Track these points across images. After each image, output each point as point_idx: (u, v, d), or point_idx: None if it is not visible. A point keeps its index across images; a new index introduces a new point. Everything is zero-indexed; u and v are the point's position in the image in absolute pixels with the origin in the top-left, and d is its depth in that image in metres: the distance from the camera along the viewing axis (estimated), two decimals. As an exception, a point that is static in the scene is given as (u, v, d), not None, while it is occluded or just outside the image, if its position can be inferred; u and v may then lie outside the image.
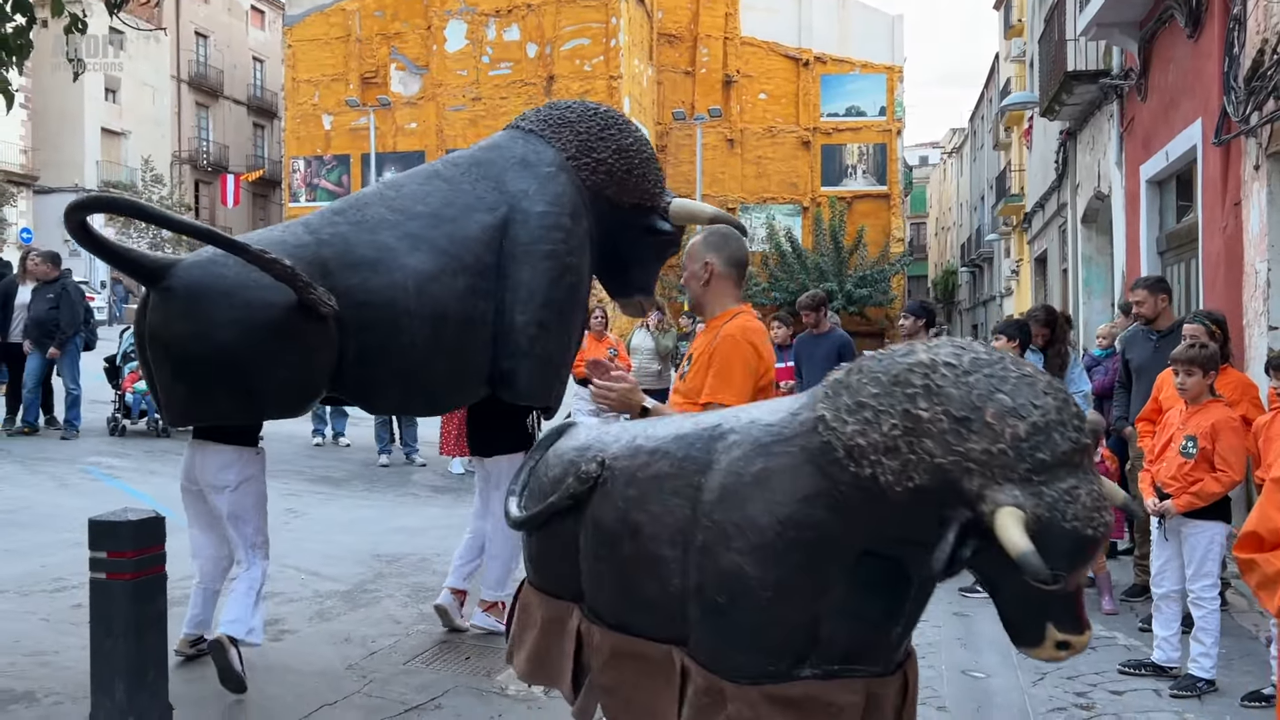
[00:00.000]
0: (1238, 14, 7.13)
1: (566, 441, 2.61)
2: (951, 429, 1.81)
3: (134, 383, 10.28)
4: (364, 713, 3.96)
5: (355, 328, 4.20)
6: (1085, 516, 1.75)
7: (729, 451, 2.10)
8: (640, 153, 4.95)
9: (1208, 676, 4.31)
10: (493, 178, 4.75)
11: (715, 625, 2.05)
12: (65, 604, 5.18)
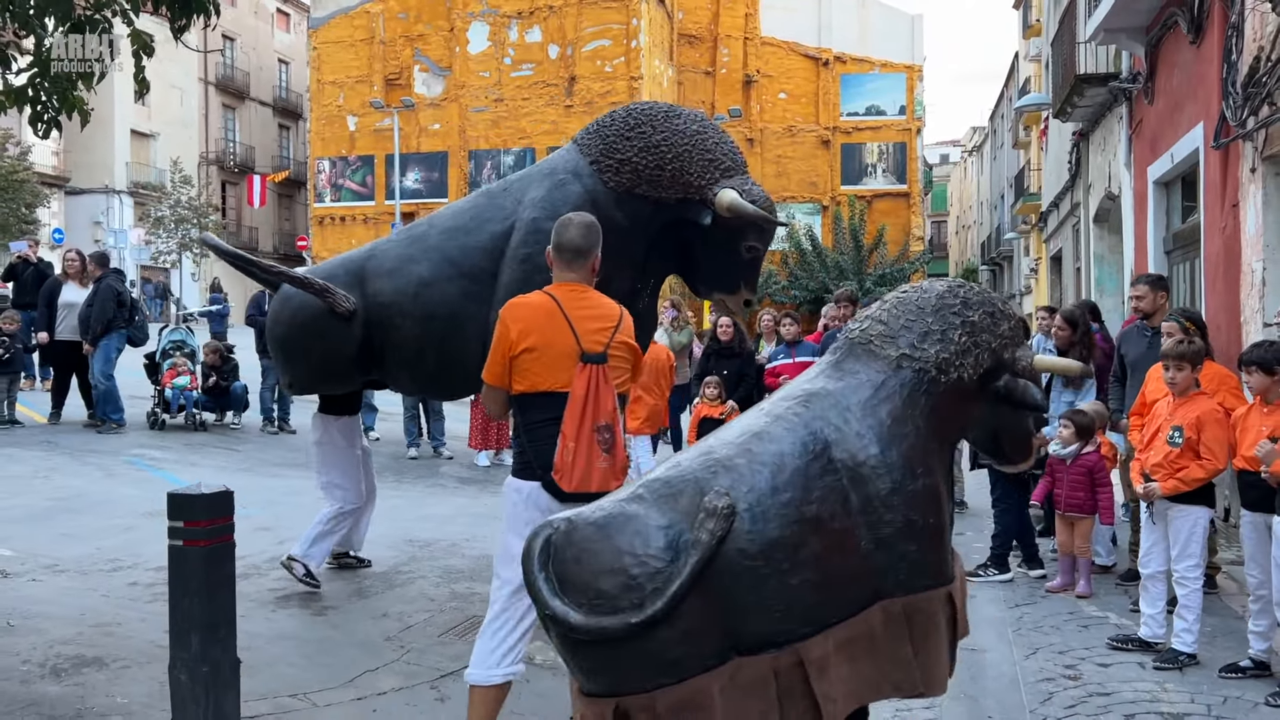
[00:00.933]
0: (1236, 21, 7.37)
1: (603, 535, 2.37)
2: (990, 322, 2.76)
3: (173, 379, 10.72)
4: (401, 678, 4.32)
5: (377, 325, 5.18)
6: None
7: (846, 422, 2.61)
8: (675, 146, 4.93)
9: (1189, 650, 4.59)
10: (521, 190, 5.20)
11: (921, 545, 2.59)
12: (122, 582, 5.58)
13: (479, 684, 3.32)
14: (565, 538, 2.39)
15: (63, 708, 3.82)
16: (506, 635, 3.33)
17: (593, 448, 3.16)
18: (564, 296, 3.34)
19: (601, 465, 3.17)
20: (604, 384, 3.21)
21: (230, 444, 10.21)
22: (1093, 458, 5.83)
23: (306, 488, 8.45)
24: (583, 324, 3.29)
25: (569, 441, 3.16)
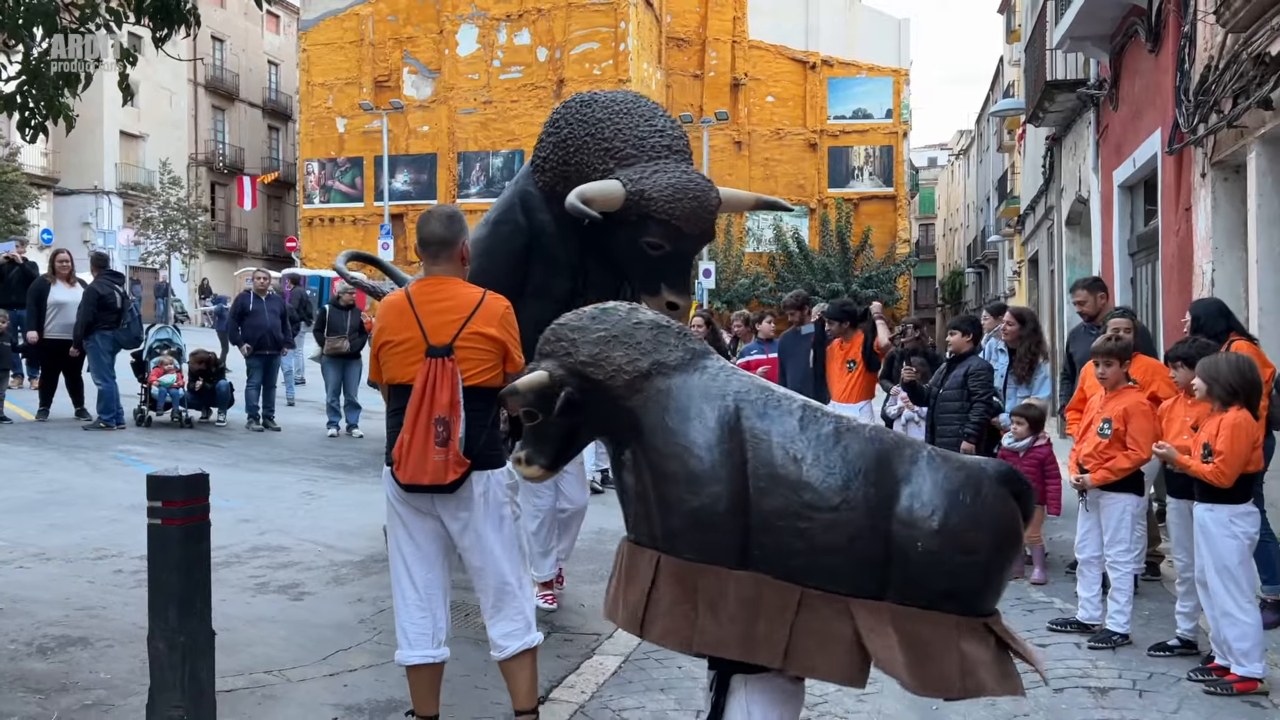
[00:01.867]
0: (1188, 31, 7.65)
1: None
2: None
3: (159, 377, 10.92)
4: (373, 656, 4.54)
5: None
6: None
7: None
8: (577, 139, 4.64)
9: (1122, 631, 4.84)
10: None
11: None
12: (107, 569, 5.79)
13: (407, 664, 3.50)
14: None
15: (49, 682, 4.03)
16: (421, 616, 3.49)
17: (428, 440, 3.22)
18: (419, 291, 3.42)
19: (436, 458, 3.23)
20: (443, 377, 3.24)
21: (216, 440, 10.41)
22: (1043, 450, 6.08)
23: (288, 482, 8.69)
24: (431, 318, 3.34)
25: (405, 434, 3.26)
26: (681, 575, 2.64)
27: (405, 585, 3.48)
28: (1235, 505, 4.25)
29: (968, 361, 6.43)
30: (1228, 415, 4.22)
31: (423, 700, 3.49)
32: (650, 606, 2.67)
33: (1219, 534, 4.23)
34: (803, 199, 42.47)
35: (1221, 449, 4.17)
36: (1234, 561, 4.20)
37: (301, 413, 13.00)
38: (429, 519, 3.43)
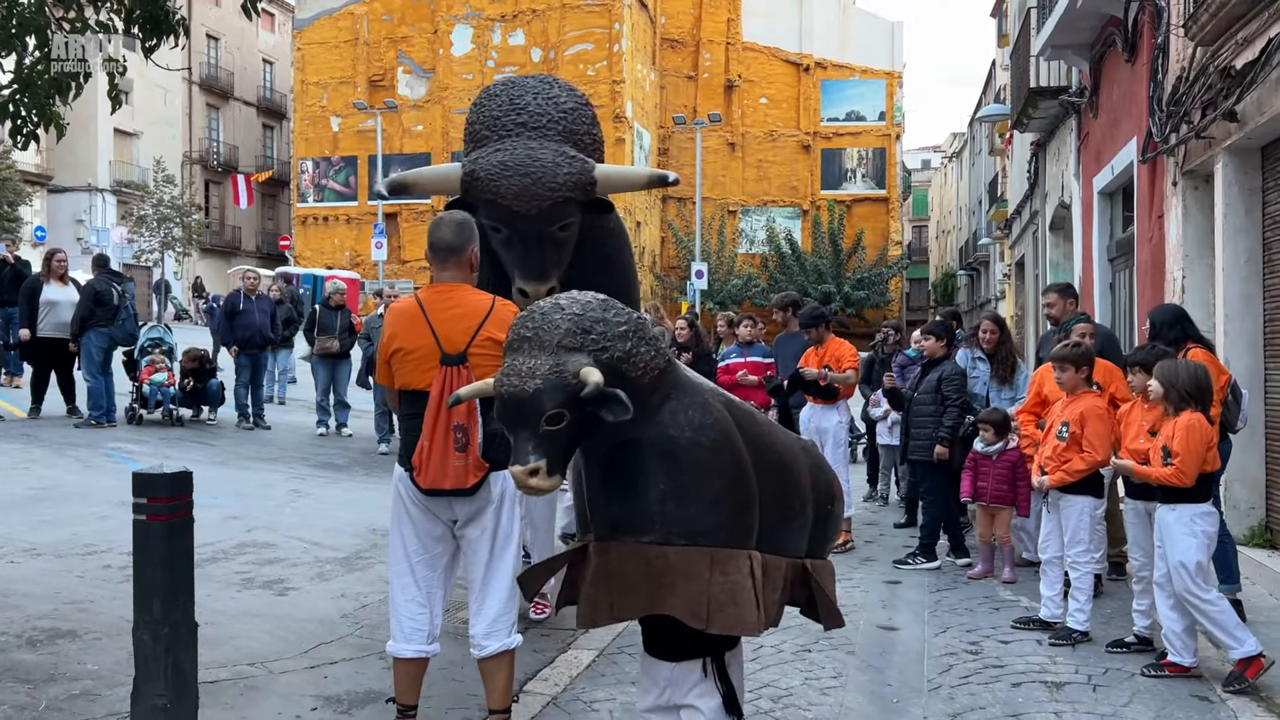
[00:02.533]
0: (1161, 43, 7.81)
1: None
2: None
3: (150, 375, 11.03)
4: (353, 649, 4.68)
5: None
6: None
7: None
8: (468, 127, 4.63)
9: (1082, 629, 4.99)
10: None
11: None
12: (96, 565, 5.91)
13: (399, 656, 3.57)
14: None
15: (37, 673, 4.16)
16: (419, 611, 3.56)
17: (448, 447, 3.32)
18: (429, 298, 3.48)
19: (456, 463, 3.34)
20: (459, 386, 3.24)
21: (206, 439, 10.53)
22: (1014, 454, 6.23)
23: (277, 480, 8.81)
24: (444, 325, 3.39)
25: (425, 441, 3.34)
26: (735, 562, 2.72)
27: (407, 581, 3.56)
28: (1196, 505, 4.39)
29: (941, 366, 6.58)
30: (1182, 417, 4.36)
31: (406, 691, 3.60)
32: (711, 599, 2.68)
33: (1180, 533, 4.36)
34: (796, 200, 42.67)
35: (1178, 449, 4.32)
36: (1196, 559, 4.33)
37: (291, 411, 13.12)
38: (439, 523, 3.52)
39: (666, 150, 42.05)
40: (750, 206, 42.51)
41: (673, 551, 2.70)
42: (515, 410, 2.56)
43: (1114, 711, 4.12)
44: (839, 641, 5.01)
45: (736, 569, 2.72)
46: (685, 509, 2.70)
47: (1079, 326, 5.83)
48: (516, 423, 2.57)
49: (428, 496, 3.46)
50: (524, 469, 2.55)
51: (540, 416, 2.53)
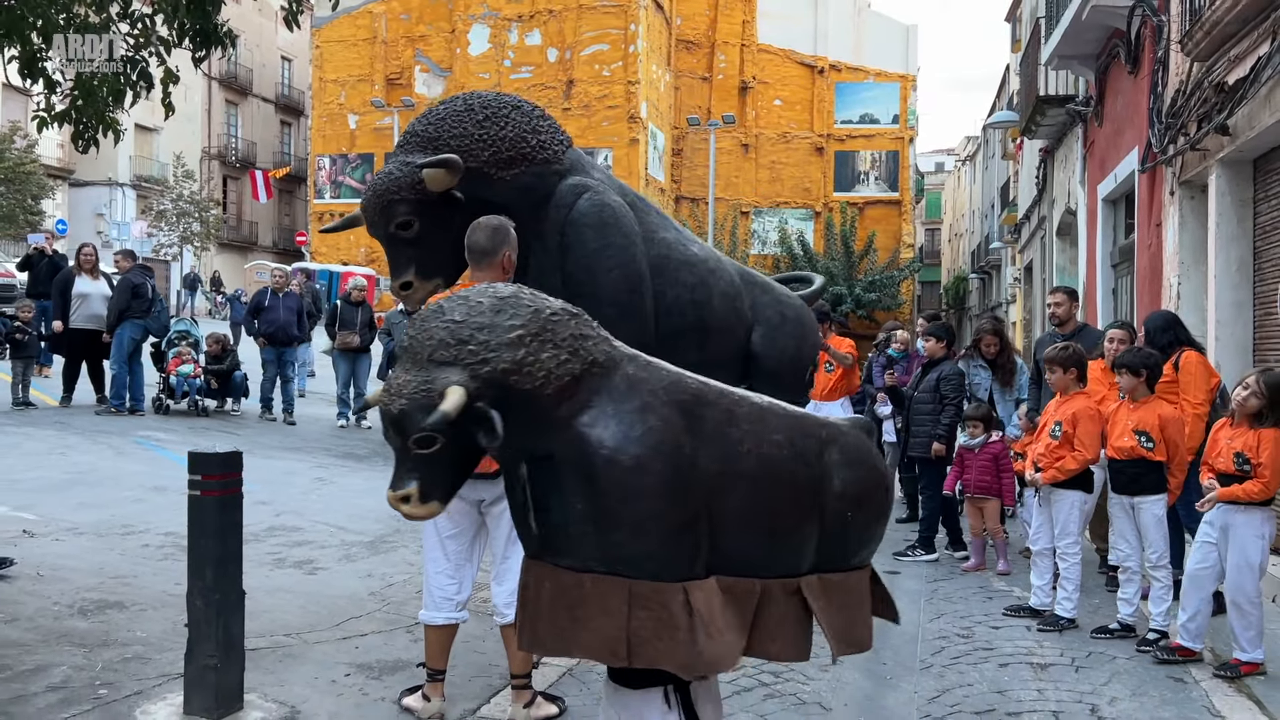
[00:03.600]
0: (1161, 57, 8.07)
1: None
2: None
3: (177, 366, 11.39)
4: (382, 623, 4.99)
5: None
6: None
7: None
8: None
9: (1069, 616, 5.27)
10: None
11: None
12: (135, 544, 6.24)
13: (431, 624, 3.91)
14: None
15: (91, 639, 4.48)
16: (448, 582, 3.89)
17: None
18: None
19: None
20: None
21: (231, 428, 10.87)
22: (996, 446, 6.52)
23: (301, 469, 9.14)
24: None
25: None
26: (660, 597, 2.39)
27: (437, 555, 3.89)
28: (1264, 508, 4.47)
29: (940, 367, 6.86)
30: (1268, 431, 4.40)
31: (436, 656, 3.91)
32: (631, 635, 2.39)
33: (1250, 535, 4.45)
34: (808, 202, 42.87)
35: (1265, 461, 4.38)
36: (1259, 561, 4.47)
37: (311, 404, 13.45)
38: (467, 503, 3.83)
39: (680, 151, 42.33)
40: (763, 208, 42.74)
41: (589, 580, 2.41)
42: (386, 429, 2.35)
43: (1094, 690, 4.40)
44: (838, 624, 5.29)
45: (661, 605, 2.38)
46: (605, 534, 2.37)
47: (1112, 332, 6.08)
48: (390, 442, 2.37)
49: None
50: (393, 494, 2.34)
51: (406, 438, 2.30)
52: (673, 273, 4.83)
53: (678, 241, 5.06)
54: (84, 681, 4.01)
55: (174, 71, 4.57)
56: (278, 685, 4.10)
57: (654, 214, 5.15)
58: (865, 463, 2.73)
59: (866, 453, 2.76)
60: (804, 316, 5.64)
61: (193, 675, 3.73)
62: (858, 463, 2.70)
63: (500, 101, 4.62)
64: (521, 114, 4.65)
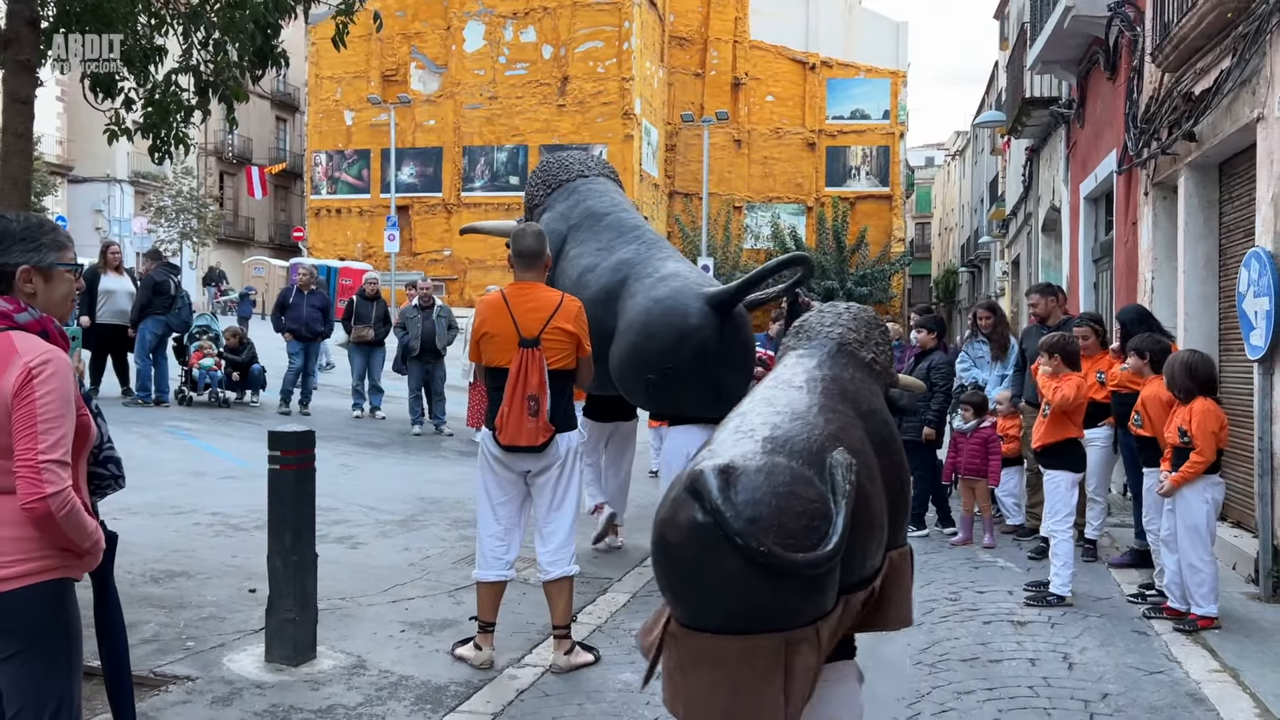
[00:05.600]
0: (1137, 64, 8.60)
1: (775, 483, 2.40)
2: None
3: (199, 360, 11.86)
4: (425, 589, 5.51)
5: None
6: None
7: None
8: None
9: (1061, 593, 5.66)
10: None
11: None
12: (186, 523, 6.74)
13: (484, 580, 4.42)
14: (743, 479, 2.38)
15: (168, 601, 4.99)
16: (498, 544, 4.40)
17: (523, 412, 4.18)
18: (512, 293, 4.30)
19: (529, 425, 4.20)
20: (533, 363, 4.17)
21: (252, 418, 11.35)
22: (987, 430, 7.06)
23: (325, 455, 9.35)
24: (523, 316, 4.22)
25: (504, 407, 4.18)
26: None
27: (489, 520, 4.41)
28: (1209, 475, 5.06)
29: (931, 357, 7.39)
30: (1195, 404, 5.03)
31: (487, 610, 4.43)
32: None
33: (1195, 499, 5.04)
34: (800, 197, 43.41)
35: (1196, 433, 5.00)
36: (1201, 522, 5.04)
37: (324, 396, 13.91)
38: (514, 473, 4.38)
39: (674, 147, 42.83)
40: (756, 203, 43.25)
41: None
42: None
43: (1066, 641, 4.94)
44: (838, 590, 5.83)
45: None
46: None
47: (1079, 330, 6.61)
48: None
49: (506, 452, 4.30)
50: None
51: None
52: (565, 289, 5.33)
53: (579, 256, 6.20)
54: (172, 635, 4.52)
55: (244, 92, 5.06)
56: (343, 639, 4.62)
57: (586, 231, 6.33)
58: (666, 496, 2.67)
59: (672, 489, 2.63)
60: (640, 321, 5.47)
61: (273, 628, 4.24)
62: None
63: (543, 160, 6.67)
64: (537, 169, 6.75)
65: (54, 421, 2.26)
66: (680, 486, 2.43)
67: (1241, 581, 6.02)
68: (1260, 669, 4.51)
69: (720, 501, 2.29)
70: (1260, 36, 5.82)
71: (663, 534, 2.44)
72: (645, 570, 6.17)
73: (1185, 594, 5.15)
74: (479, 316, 4.37)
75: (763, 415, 2.70)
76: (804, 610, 2.39)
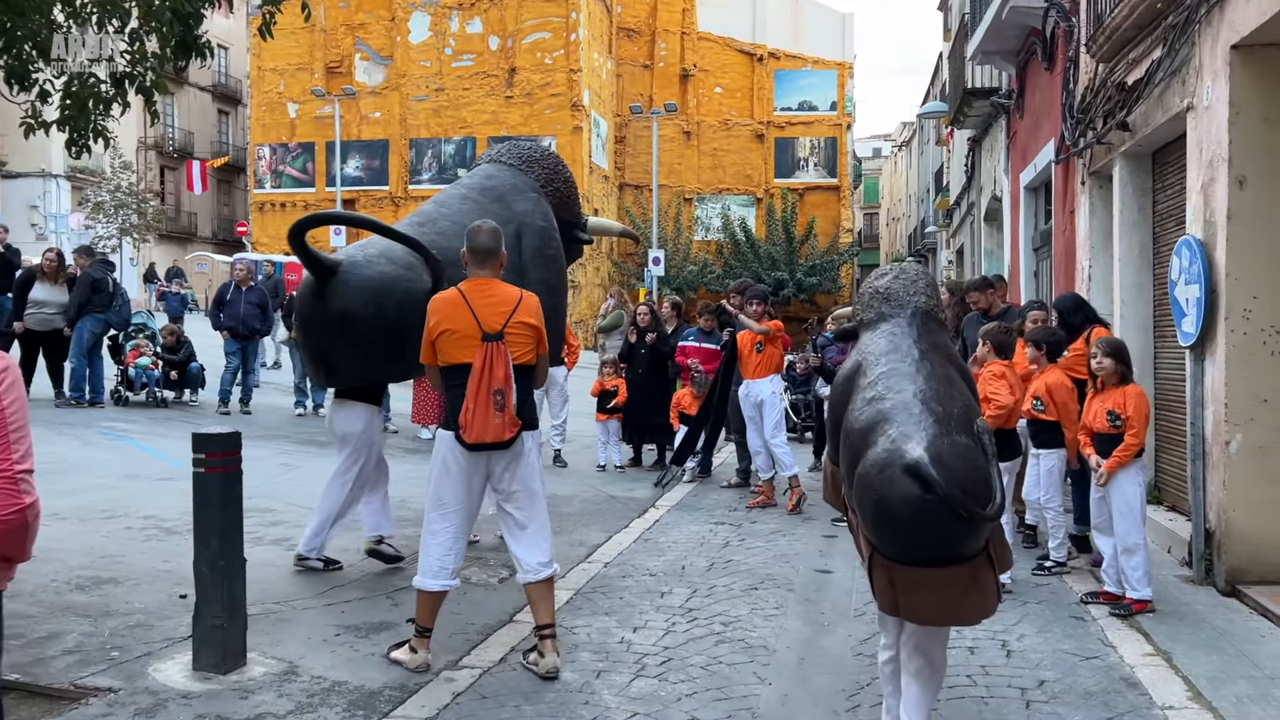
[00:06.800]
0: (1073, 56, 8.69)
1: (971, 454, 3.07)
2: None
3: (135, 359, 11.58)
4: (361, 590, 5.41)
5: None
6: None
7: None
8: (573, 183, 6.93)
9: (1060, 558, 5.89)
10: (501, 200, 6.43)
11: None
12: (118, 527, 6.57)
13: (425, 589, 4.27)
14: (949, 461, 2.99)
15: (93, 610, 4.83)
16: (445, 553, 4.26)
17: (489, 408, 4.08)
18: (470, 290, 4.20)
19: (496, 421, 4.10)
20: (498, 357, 4.08)
21: (191, 418, 11.10)
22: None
23: (267, 455, 9.45)
24: (484, 311, 4.13)
25: (469, 403, 4.05)
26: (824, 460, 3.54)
27: (438, 526, 4.24)
28: (1138, 460, 5.19)
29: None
30: (1130, 388, 5.15)
31: (427, 616, 4.30)
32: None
33: (1128, 484, 5.14)
34: (750, 189, 43.55)
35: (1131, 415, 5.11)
36: (1136, 505, 5.14)
37: (267, 394, 13.67)
38: (479, 477, 4.25)
39: (623, 139, 42.72)
40: (706, 194, 43.32)
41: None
42: None
43: (1005, 629, 4.97)
44: (781, 581, 5.83)
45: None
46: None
47: (1033, 314, 6.70)
48: None
49: (471, 452, 4.16)
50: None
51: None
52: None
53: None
54: (96, 645, 4.38)
55: (165, 84, 4.90)
56: (275, 645, 4.51)
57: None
58: (870, 465, 3.12)
59: (880, 461, 3.10)
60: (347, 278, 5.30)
61: (200, 635, 4.13)
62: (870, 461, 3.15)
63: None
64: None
65: (22, 430, 2.22)
66: (896, 466, 3.02)
67: (1176, 565, 6.12)
68: (1192, 651, 4.58)
69: (945, 485, 2.92)
70: (1189, 27, 5.89)
71: (884, 502, 3.06)
72: (588, 567, 6.12)
73: (1121, 578, 5.22)
74: (435, 315, 4.22)
75: (921, 390, 3.27)
76: (978, 545, 3.12)
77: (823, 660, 4.55)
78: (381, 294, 5.28)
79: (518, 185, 6.45)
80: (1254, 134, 5.40)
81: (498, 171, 6.56)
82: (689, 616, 5.12)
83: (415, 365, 5.52)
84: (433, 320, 4.22)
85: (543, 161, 6.67)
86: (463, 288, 4.27)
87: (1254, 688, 4.12)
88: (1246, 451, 5.44)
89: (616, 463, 10.00)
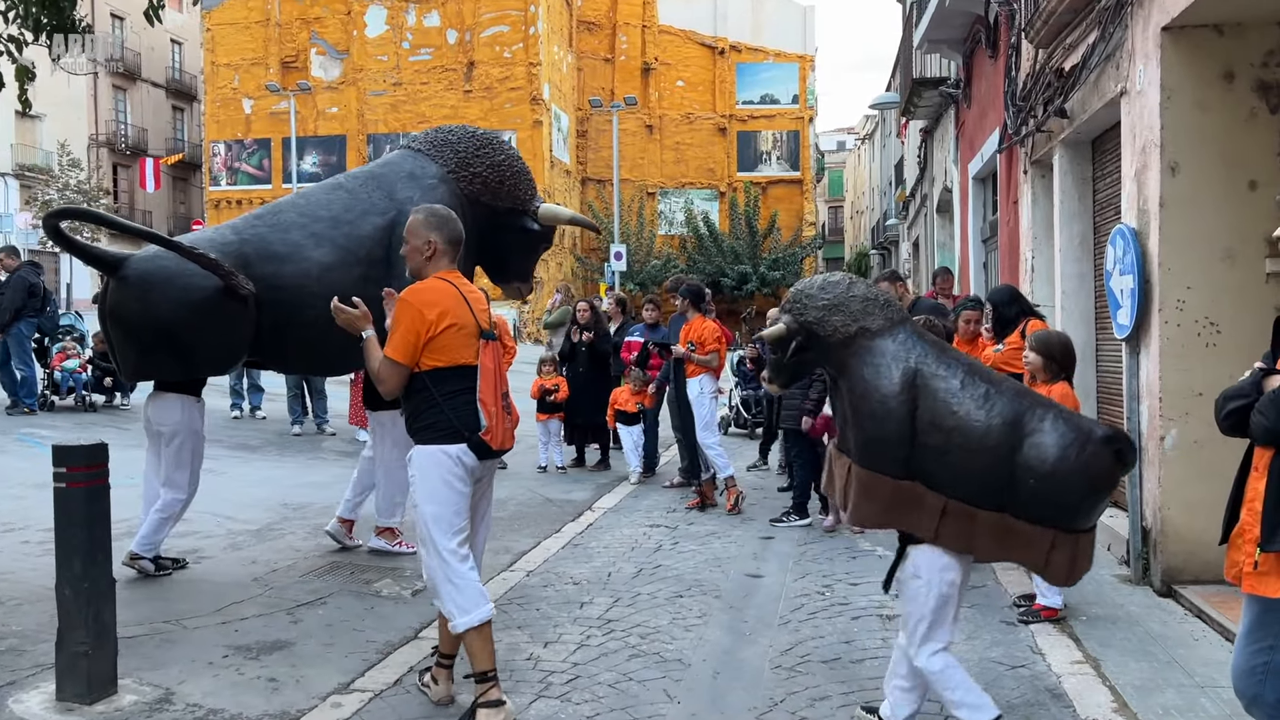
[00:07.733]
0: (1015, 43, 8.51)
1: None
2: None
3: (61, 361, 11.17)
4: (262, 607, 5.11)
5: (270, 307, 5.52)
6: None
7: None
8: (511, 166, 6.23)
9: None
10: (385, 188, 6.00)
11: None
12: (14, 540, 6.24)
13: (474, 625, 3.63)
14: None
15: (-36, 634, 4.52)
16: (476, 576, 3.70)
17: (503, 411, 3.73)
18: (458, 283, 3.75)
19: (507, 424, 3.78)
20: (501, 357, 3.78)
21: (120, 423, 10.72)
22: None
23: (191, 461, 9.08)
24: (475, 306, 3.73)
25: (490, 408, 3.63)
26: (863, 478, 3.44)
27: (464, 552, 3.66)
28: None
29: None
30: (1057, 387, 4.85)
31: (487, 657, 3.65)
32: (849, 497, 3.50)
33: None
34: (713, 183, 43.38)
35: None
36: None
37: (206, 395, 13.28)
38: (471, 485, 3.73)
39: (585, 133, 42.37)
40: (669, 189, 43.07)
41: (842, 459, 3.61)
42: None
43: (932, 636, 4.76)
44: (709, 588, 5.60)
45: (869, 484, 3.48)
46: (855, 436, 3.56)
47: (966, 314, 6.49)
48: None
49: (483, 461, 3.72)
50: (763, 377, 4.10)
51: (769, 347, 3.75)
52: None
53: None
54: (-45, 675, 4.07)
55: (29, 69, 4.58)
56: (153, 669, 4.21)
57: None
58: (1067, 450, 3.29)
59: (1074, 444, 3.29)
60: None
61: (64, 663, 3.83)
62: (1061, 448, 3.29)
63: None
64: None
65: None
66: (1096, 441, 3.30)
67: (1115, 563, 5.96)
68: (1122, 657, 4.39)
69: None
70: (1122, 9, 5.71)
71: (1097, 480, 3.32)
72: (509, 576, 5.87)
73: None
74: (436, 306, 3.60)
75: (1008, 381, 3.55)
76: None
77: (739, 674, 4.32)
78: (155, 290, 5.24)
79: (415, 172, 6.00)
80: (1186, 119, 5.22)
81: (400, 157, 6.20)
82: (605, 629, 4.88)
83: (204, 363, 5.52)
84: (434, 313, 3.60)
85: (460, 145, 6.12)
86: (452, 280, 3.77)
87: (1182, 697, 3.94)
88: (1182, 447, 5.28)
89: (558, 464, 9.74)
